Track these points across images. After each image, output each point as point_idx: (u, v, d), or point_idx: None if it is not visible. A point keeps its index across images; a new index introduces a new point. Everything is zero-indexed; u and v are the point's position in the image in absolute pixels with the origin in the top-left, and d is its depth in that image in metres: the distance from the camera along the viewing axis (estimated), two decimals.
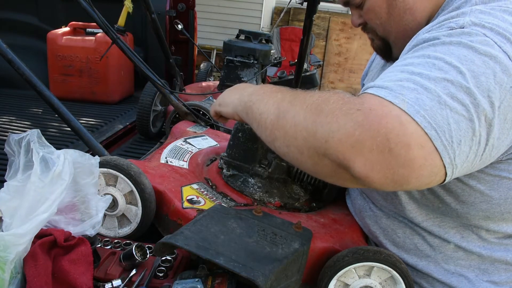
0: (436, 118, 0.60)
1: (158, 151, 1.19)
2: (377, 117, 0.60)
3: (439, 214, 0.84)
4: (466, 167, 0.65)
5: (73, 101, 2.42)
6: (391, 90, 0.63)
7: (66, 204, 0.76)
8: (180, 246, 0.71)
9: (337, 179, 0.69)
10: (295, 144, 0.69)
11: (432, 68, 0.64)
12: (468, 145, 0.62)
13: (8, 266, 0.63)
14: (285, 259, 0.73)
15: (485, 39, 0.66)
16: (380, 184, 0.62)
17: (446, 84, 0.62)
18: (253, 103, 0.81)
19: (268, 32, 3.76)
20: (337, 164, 0.63)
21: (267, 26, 7.01)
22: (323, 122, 0.64)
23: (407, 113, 0.60)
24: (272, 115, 0.74)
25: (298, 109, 0.70)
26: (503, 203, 0.78)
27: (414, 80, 0.64)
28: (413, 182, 0.61)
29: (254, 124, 0.81)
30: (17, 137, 0.74)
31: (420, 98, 0.61)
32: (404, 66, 0.68)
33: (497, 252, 0.83)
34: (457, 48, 0.66)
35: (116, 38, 1.60)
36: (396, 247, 0.91)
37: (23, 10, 2.80)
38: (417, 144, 0.59)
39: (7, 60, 1.04)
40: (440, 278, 0.86)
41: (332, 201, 1.07)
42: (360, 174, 0.61)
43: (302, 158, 0.69)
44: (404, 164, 0.59)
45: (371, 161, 0.60)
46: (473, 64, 0.64)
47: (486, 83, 0.63)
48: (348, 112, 0.62)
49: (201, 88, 2.45)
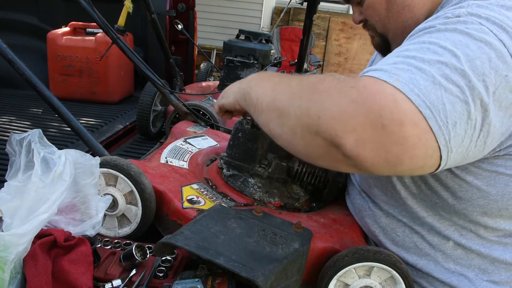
0: (430, 97, 0.60)
1: (158, 151, 1.19)
2: (371, 94, 0.60)
3: (438, 210, 0.84)
4: (460, 154, 0.65)
5: (73, 101, 2.42)
6: (386, 71, 0.63)
7: (66, 205, 0.76)
8: (180, 246, 0.71)
9: (328, 161, 0.68)
10: (289, 124, 0.69)
11: (427, 52, 0.65)
12: (464, 128, 0.62)
13: (8, 266, 0.63)
14: (285, 259, 0.73)
15: (481, 27, 0.67)
16: (372, 164, 0.61)
17: (440, 66, 0.62)
18: (251, 88, 0.82)
19: (268, 32, 3.76)
20: (329, 143, 0.62)
21: (267, 26, 7.01)
22: (317, 100, 0.65)
23: (401, 91, 0.60)
24: (268, 98, 0.75)
25: (294, 90, 0.71)
26: (500, 199, 0.78)
27: (409, 62, 0.64)
28: (406, 162, 0.60)
29: (252, 108, 0.81)
30: (18, 137, 0.74)
31: (415, 78, 0.61)
32: (399, 52, 0.69)
33: (496, 251, 0.84)
34: (452, 34, 0.67)
35: (116, 38, 1.60)
36: (396, 246, 0.91)
37: (23, 10, 2.81)
38: (411, 122, 0.59)
39: (7, 60, 1.04)
40: (440, 277, 0.86)
41: (332, 201, 1.07)
42: (352, 152, 0.60)
43: (295, 139, 0.69)
44: (397, 142, 0.59)
45: (363, 138, 0.59)
46: (468, 48, 0.64)
47: (481, 67, 0.63)
48: (342, 89, 0.63)
49: (201, 88, 2.46)
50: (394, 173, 0.64)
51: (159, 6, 2.51)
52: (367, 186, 0.96)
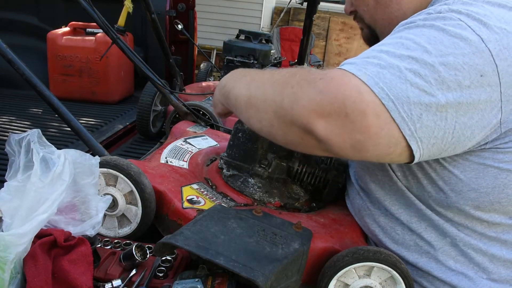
0: (395, 91, 0.63)
1: (158, 151, 1.19)
2: (337, 85, 0.65)
3: (432, 205, 0.84)
4: (436, 145, 0.68)
5: (73, 101, 2.42)
6: (356, 64, 0.67)
7: (66, 204, 0.76)
8: (180, 246, 0.71)
9: (305, 146, 0.72)
10: (266, 118, 0.74)
11: (400, 47, 0.68)
12: (432, 119, 0.65)
13: (8, 266, 0.63)
14: (285, 259, 0.73)
15: (459, 23, 0.68)
16: (340, 148, 0.66)
17: (410, 61, 0.65)
18: (229, 92, 0.88)
19: (268, 32, 3.76)
20: (303, 130, 0.68)
21: (267, 26, 7.01)
22: (289, 93, 0.70)
23: (366, 84, 0.64)
24: (244, 97, 0.81)
25: (267, 87, 0.76)
26: (491, 191, 0.78)
27: (380, 57, 0.67)
28: (371, 149, 0.65)
29: (233, 109, 0.89)
30: (17, 137, 0.74)
31: (381, 72, 0.65)
32: (377, 46, 0.72)
33: (493, 248, 0.84)
34: (429, 30, 0.69)
35: (116, 38, 1.60)
36: (396, 244, 0.91)
37: (23, 10, 2.81)
38: (373, 113, 0.63)
39: (7, 60, 1.04)
40: (440, 276, 0.86)
41: (332, 201, 1.07)
42: (322, 137, 0.66)
43: (274, 130, 0.74)
44: (360, 130, 0.63)
45: (330, 124, 0.65)
46: (442, 44, 0.66)
47: (454, 63, 0.65)
48: (311, 81, 0.68)
49: (201, 88, 2.45)
50: (362, 158, 0.69)
51: (159, 6, 2.51)
52: (364, 183, 0.96)
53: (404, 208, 0.88)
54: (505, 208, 0.80)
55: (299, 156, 1.03)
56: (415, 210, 0.87)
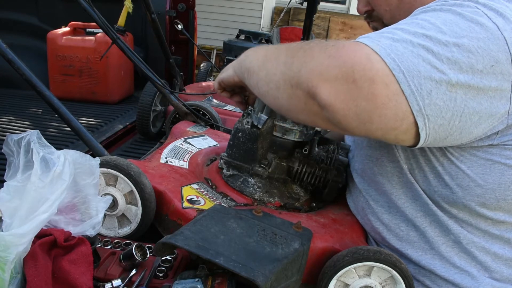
0: (406, 63, 0.62)
1: (158, 151, 1.19)
2: (348, 51, 0.64)
3: (438, 201, 0.84)
4: (443, 127, 0.66)
5: (73, 101, 2.42)
6: (370, 37, 0.67)
7: (66, 205, 0.76)
8: (180, 246, 0.71)
9: (307, 114, 0.71)
10: (274, 80, 0.75)
11: (415, 26, 0.67)
12: (441, 98, 0.64)
13: (8, 266, 0.63)
14: (285, 259, 0.73)
15: (476, 10, 0.68)
16: (343, 116, 0.64)
17: (424, 38, 0.65)
18: (247, 57, 0.89)
19: (268, 32, 3.76)
20: (307, 94, 0.67)
21: (267, 26, 7.01)
22: (300, 57, 0.70)
23: (377, 53, 0.63)
24: (259, 61, 0.82)
25: (282, 51, 0.77)
26: (497, 188, 0.78)
27: (394, 32, 0.67)
28: (376, 120, 0.63)
29: (245, 74, 0.87)
30: (16, 138, 0.74)
31: (394, 45, 0.64)
32: (392, 26, 0.72)
33: (496, 246, 0.84)
34: (445, 13, 0.69)
35: (116, 38, 1.60)
36: (400, 241, 0.90)
37: (23, 10, 2.81)
38: (382, 82, 0.62)
39: (7, 60, 1.04)
40: (443, 275, 0.86)
41: (332, 201, 1.07)
42: (325, 101, 0.64)
43: (279, 93, 0.74)
44: (366, 98, 0.62)
45: (336, 89, 0.63)
46: (457, 26, 0.66)
47: (468, 45, 0.64)
48: (323, 47, 0.68)
49: (201, 88, 2.45)
50: (365, 132, 0.67)
51: (159, 6, 2.51)
52: (370, 176, 0.96)
53: (410, 202, 0.88)
54: (511, 206, 0.80)
55: (299, 156, 1.03)
56: (421, 204, 0.87)
